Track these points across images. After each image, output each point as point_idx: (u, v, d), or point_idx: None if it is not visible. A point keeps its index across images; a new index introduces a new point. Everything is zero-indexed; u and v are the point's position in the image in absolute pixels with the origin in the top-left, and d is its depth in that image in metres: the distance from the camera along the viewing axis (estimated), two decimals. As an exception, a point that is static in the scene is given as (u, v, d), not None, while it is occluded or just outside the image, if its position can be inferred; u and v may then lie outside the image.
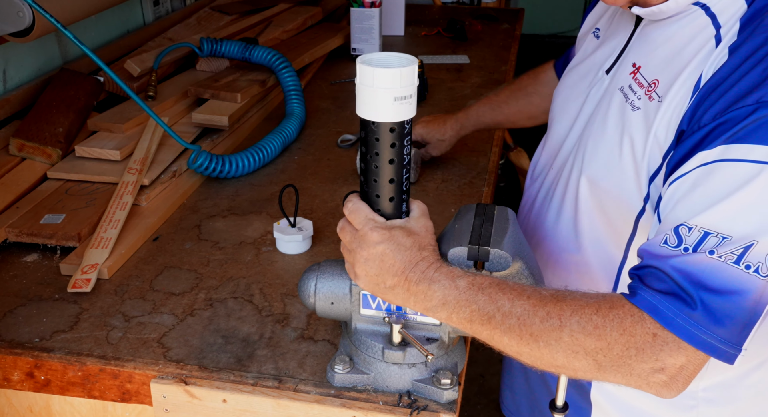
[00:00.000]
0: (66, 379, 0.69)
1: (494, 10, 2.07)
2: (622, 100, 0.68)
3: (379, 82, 0.53)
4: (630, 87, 0.67)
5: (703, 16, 0.62)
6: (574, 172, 0.73)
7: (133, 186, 0.95)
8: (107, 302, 0.78)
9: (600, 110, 0.71)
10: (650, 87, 0.64)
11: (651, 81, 0.64)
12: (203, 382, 0.66)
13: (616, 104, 0.68)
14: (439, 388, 0.62)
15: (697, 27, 0.62)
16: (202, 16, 1.59)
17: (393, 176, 0.57)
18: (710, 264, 0.50)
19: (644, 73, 0.66)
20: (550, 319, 0.53)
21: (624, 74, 0.69)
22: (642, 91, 0.65)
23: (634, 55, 0.69)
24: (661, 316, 0.51)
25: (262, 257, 0.87)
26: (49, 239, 0.87)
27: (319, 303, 0.65)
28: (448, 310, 0.56)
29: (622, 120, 0.66)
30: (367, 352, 0.64)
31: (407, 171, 0.58)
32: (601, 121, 0.70)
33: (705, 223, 0.52)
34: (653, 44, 0.66)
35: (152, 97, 1.20)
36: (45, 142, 1.03)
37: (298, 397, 0.64)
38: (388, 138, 0.55)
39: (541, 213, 0.81)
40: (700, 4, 0.62)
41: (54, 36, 1.24)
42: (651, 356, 0.51)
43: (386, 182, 0.57)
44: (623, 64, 0.70)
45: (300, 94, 1.25)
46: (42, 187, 0.99)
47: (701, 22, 0.62)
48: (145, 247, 0.89)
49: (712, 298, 0.50)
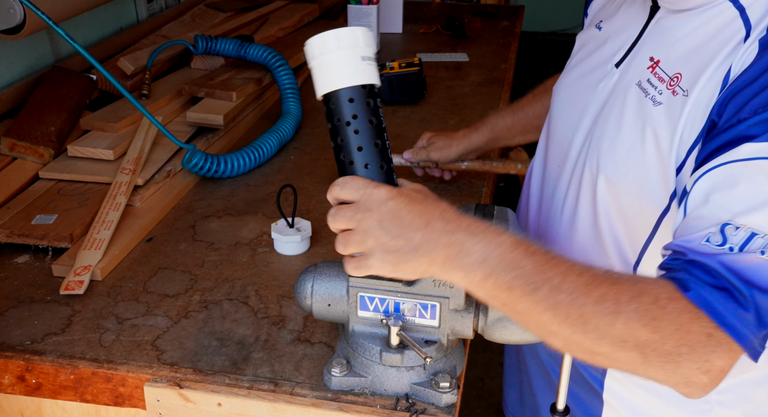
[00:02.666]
0: (58, 382, 0.68)
1: (494, 7, 2.07)
2: (640, 94, 0.65)
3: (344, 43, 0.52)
4: (649, 81, 0.65)
5: (730, 8, 0.60)
6: (588, 172, 0.70)
7: (127, 186, 0.94)
8: (100, 304, 0.77)
9: (614, 106, 0.68)
10: (672, 81, 0.62)
11: (673, 75, 0.62)
12: (198, 386, 0.65)
13: (633, 99, 0.66)
14: (438, 392, 0.62)
15: (724, 20, 0.60)
16: (197, 13, 1.57)
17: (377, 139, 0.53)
18: (761, 263, 0.49)
19: (664, 67, 0.64)
20: (605, 302, 0.49)
21: (639, 68, 0.67)
22: (663, 86, 0.63)
23: (650, 48, 0.67)
24: (718, 316, 0.48)
25: (257, 258, 0.86)
26: (40, 240, 0.86)
27: (315, 305, 0.64)
28: (486, 270, 0.49)
29: (642, 115, 0.64)
30: (364, 354, 0.63)
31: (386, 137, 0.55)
32: (616, 118, 0.67)
33: (753, 223, 0.50)
34: (673, 37, 0.64)
35: (146, 96, 1.19)
36: (37, 142, 1.02)
37: (294, 400, 0.63)
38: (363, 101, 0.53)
39: (551, 216, 0.78)
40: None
41: (46, 33, 1.23)
42: (702, 356, 0.48)
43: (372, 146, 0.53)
44: (637, 58, 0.68)
45: (296, 92, 1.24)
46: (34, 187, 0.98)
47: (728, 14, 0.60)
48: (138, 248, 0.88)
49: (763, 299, 0.49)
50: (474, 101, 1.37)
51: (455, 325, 0.62)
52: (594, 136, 0.70)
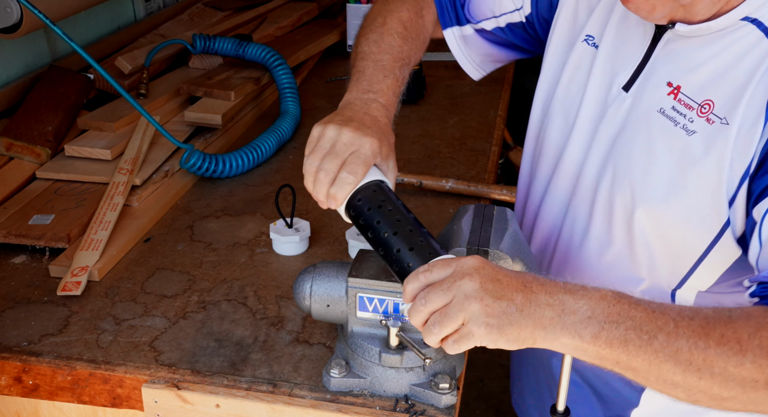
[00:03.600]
0: (55, 383, 0.68)
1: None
2: (667, 124, 0.63)
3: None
4: (674, 109, 0.63)
5: (755, 31, 0.59)
6: (620, 201, 0.66)
7: (124, 186, 0.94)
8: (97, 305, 0.77)
9: (637, 134, 0.66)
10: (703, 109, 0.61)
11: (702, 102, 0.61)
12: (196, 387, 0.65)
13: (660, 128, 0.64)
14: (438, 393, 0.61)
15: (749, 43, 0.60)
16: (195, 12, 1.57)
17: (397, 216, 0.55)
18: None
19: (688, 93, 0.63)
20: (727, 343, 0.47)
21: (658, 94, 0.65)
22: (692, 113, 0.62)
23: (665, 73, 0.65)
24: None
25: (256, 259, 0.86)
26: (37, 240, 0.86)
27: (314, 305, 0.64)
28: (596, 327, 0.47)
29: (676, 146, 0.62)
30: (363, 355, 0.63)
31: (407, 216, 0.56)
32: (644, 147, 0.65)
33: None
34: (691, 62, 0.62)
35: (144, 95, 1.19)
36: (34, 141, 1.01)
37: (293, 401, 0.63)
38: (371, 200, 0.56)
39: (573, 246, 0.74)
40: (750, 19, 0.60)
41: (43, 32, 1.22)
42: None
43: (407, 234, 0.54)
44: (651, 83, 0.66)
45: (295, 92, 1.24)
46: (30, 187, 0.98)
47: (753, 37, 0.59)
48: (136, 249, 0.88)
49: None
50: (474, 101, 1.37)
51: (455, 326, 0.62)
52: (619, 165, 0.67)
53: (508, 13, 0.80)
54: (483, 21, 0.82)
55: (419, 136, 1.22)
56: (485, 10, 0.82)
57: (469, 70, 0.87)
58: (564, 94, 0.75)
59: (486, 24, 0.82)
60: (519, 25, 0.81)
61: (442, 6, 0.84)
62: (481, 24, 0.82)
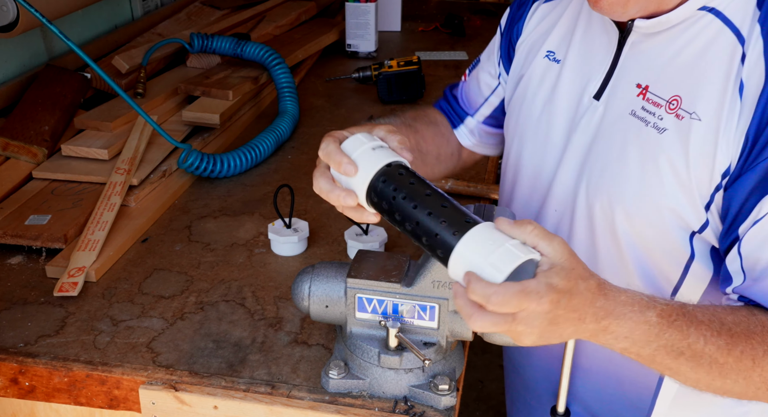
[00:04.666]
0: (51, 385, 0.67)
1: (493, 5, 2.06)
2: (639, 125, 0.63)
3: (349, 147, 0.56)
4: (644, 109, 0.63)
5: (714, 20, 0.59)
6: (598, 210, 0.66)
7: (122, 186, 0.93)
8: (94, 306, 0.76)
9: (612, 140, 0.65)
10: (671, 105, 0.61)
11: (670, 98, 0.61)
12: (194, 388, 0.64)
13: (633, 131, 0.63)
14: (437, 394, 0.61)
15: (710, 33, 0.59)
16: (193, 11, 1.56)
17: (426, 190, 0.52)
18: None
19: (656, 91, 0.62)
20: (743, 360, 0.55)
21: (627, 97, 0.64)
22: (661, 111, 0.62)
23: (633, 74, 0.64)
24: None
25: (254, 259, 0.86)
26: (34, 241, 0.85)
27: (313, 306, 0.63)
28: (629, 343, 0.53)
29: (649, 146, 0.62)
30: (362, 356, 0.62)
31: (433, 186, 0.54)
32: (617, 152, 0.64)
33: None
34: (658, 60, 0.62)
35: (141, 95, 1.18)
36: (30, 141, 1.01)
37: (291, 403, 0.63)
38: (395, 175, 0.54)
39: None
40: (708, 8, 0.59)
41: (39, 31, 1.22)
42: None
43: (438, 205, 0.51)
44: (620, 87, 0.65)
45: (293, 91, 1.23)
46: (27, 186, 0.97)
47: (714, 27, 0.59)
48: (133, 249, 0.87)
49: None
50: (472, 100, 1.37)
51: (454, 327, 0.61)
52: (592, 174, 0.67)
53: (494, 90, 0.83)
54: (478, 110, 0.85)
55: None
56: (475, 100, 0.85)
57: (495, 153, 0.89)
58: (528, 111, 0.74)
59: (482, 111, 0.84)
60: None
61: (445, 111, 0.87)
62: (479, 113, 0.85)
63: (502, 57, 0.81)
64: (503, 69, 0.81)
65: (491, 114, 0.84)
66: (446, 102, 0.88)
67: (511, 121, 0.78)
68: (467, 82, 0.87)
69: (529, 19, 0.77)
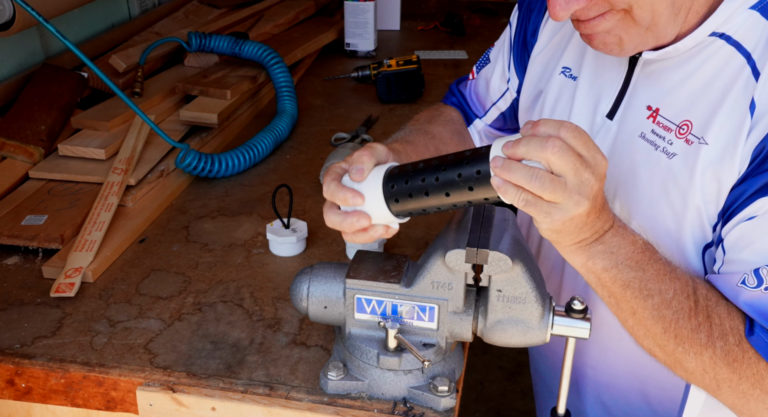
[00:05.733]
0: (48, 386, 0.67)
1: (493, 4, 2.05)
2: (648, 148, 0.63)
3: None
4: (654, 132, 0.63)
5: (725, 46, 0.59)
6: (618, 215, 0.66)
7: (119, 186, 0.93)
8: (91, 307, 0.76)
9: (621, 162, 0.65)
10: (681, 130, 0.61)
11: (680, 123, 0.61)
12: (191, 390, 0.64)
13: (642, 154, 0.64)
14: (436, 396, 0.61)
15: (722, 58, 0.59)
16: (191, 10, 1.56)
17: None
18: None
19: (666, 115, 0.62)
20: (699, 333, 0.55)
21: (638, 119, 0.64)
22: (671, 135, 0.61)
23: (644, 97, 0.64)
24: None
25: (252, 260, 0.85)
26: (30, 241, 0.85)
27: (311, 307, 0.63)
28: (612, 262, 0.53)
29: (658, 170, 0.62)
30: (361, 358, 0.62)
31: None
32: (629, 176, 0.65)
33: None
34: (668, 83, 0.62)
35: (138, 94, 1.17)
36: (27, 141, 1.00)
37: (289, 404, 0.62)
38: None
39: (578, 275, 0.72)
40: (718, 34, 0.59)
41: (36, 30, 1.21)
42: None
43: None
44: (631, 108, 0.65)
45: (292, 90, 1.23)
46: (23, 186, 0.97)
47: (725, 52, 0.59)
48: (131, 250, 0.87)
49: None
50: (471, 99, 1.36)
51: (454, 328, 0.61)
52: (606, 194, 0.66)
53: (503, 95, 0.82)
54: (487, 113, 0.85)
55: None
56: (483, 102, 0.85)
57: None
58: None
59: (490, 114, 0.84)
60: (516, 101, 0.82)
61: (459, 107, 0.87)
62: (487, 116, 0.85)
63: (515, 62, 0.80)
64: (514, 74, 0.80)
65: (498, 117, 0.84)
66: (456, 99, 0.87)
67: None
68: (476, 80, 0.86)
69: (543, 27, 0.76)
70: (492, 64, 0.83)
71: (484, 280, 0.59)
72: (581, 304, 0.58)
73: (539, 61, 0.76)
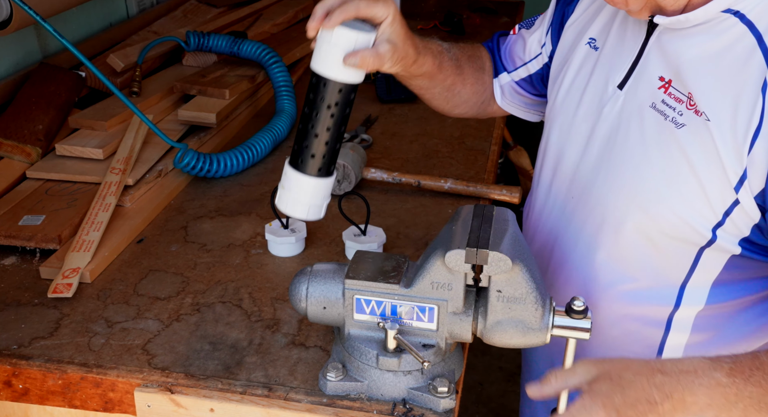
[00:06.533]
0: (45, 387, 0.67)
1: (493, 3, 2.05)
2: (658, 118, 0.63)
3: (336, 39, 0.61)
4: (664, 102, 0.63)
5: (738, 24, 0.58)
6: (611, 201, 0.67)
7: (117, 186, 0.92)
8: (89, 307, 0.75)
9: (629, 132, 0.65)
10: (691, 101, 0.61)
11: (688, 94, 0.61)
12: (190, 391, 0.64)
13: (652, 123, 0.64)
14: (436, 397, 0.61)
15: (732, 36, 0.59)
16: (189, 9, 1.55)
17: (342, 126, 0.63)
18: None
19: (678, 86, 0.62)
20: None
21: (649, 89, 0.64)
22: (681, 106, 0.61)
23: (656, 67, 0.64)
24: None
25: (251, 260, 0.85)
26: (28, 241, 0.84)
27: (310, 308, 0.63)
28: (715, 410, 0.53)
29: (667, 139, 0.62)
30: (360, 358, 0.62)
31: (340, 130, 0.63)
32: (636, 143, 0.65)
33: None
34: (681, 55, 0.62)
35: (136, 93, 1.17)
36: (24, 140, 1.00)
37: (288, 405, 0.62)
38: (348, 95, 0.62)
39: (567, 247, 0.74)
40: (732, 11, 0.59)
41: (33, 29, 1.21)
42: None
43: (337, 131, 0.62)
44: (643, 78, 0.65)
45: (291, 90, 1.22)
46: (21, 186, 0.96)
47: (736, 31, 0.58)
48: (129, 250, 0.87)
49: None
50: (470, 99, 1.36)
51: (454, 329, 0.61)
52: (612, 164, 0.67)
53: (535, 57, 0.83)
54: (516, 69, 0.85)
55: (417, 135, 1.21)
56: (515, 59, 0.85)
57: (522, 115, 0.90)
58: (564, 96, 0.75)
59: (519, 72, 0.85)
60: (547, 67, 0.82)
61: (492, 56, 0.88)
62: (516, 72, 0.85)
63: (552, 30, 0.81)
64: (549, 41, 0.81)
65: (526, 78, 0.85)
66: (492, 45, 0.88)
67: (548, 103, 0.79)
68: (515, 37, 0.86)
69: (581, 1, 0.77)
70: (534, 26, 0.84)
71: (484, 280, 0.59)
72: (582, 304, 0.58)
73: (571, 32, 0.77)
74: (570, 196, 0.73)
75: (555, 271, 0.76)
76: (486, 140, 1.18)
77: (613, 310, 0.71)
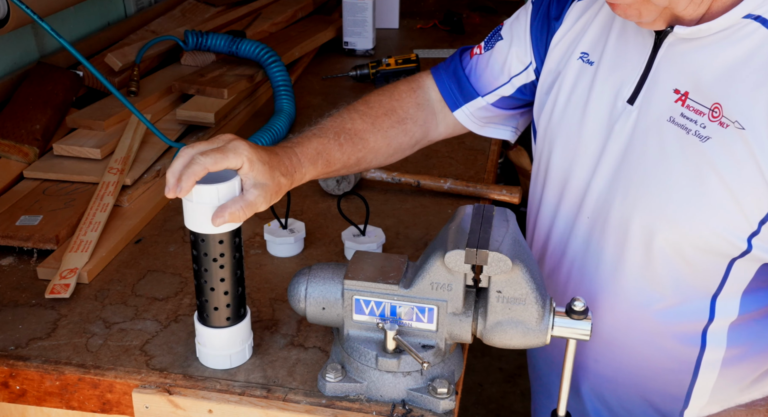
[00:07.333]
0: (43, 389, 0.66)
1: (493, 2, 2.04)
2: (678, 132, 0.61)
3: (223, 195, 0.59)
4: (684, 116, 0.61)
5: (760, 28, 0.58)
6: (636, 221, 0.64)
7: (115, 186, 0.92)
8: (87, 308, 0.75)
9: (646, 147, 0.64)
10: (714, 113, 0.59)
11: (712, 106, 0.60)
12: (188, 392, 0.63)
13: (672, 138, 0.62)
14: (436, 398, 0.60)
15: (755, 41, 0.58)
16: (187, 8, 1.55)
17: (237, 270, 0.62)
18: None
19: (696, 98, 0.60)
20: None
21: (665, 103, 0.63)
22: (704, 119, 0.60)
23: (669, 80, 0.63)
24: None
25: (250, 260, 0.85)
26: (25, 242, 0.84)
27: (309, 308, 0.63)
28: None
29: (692, 154, 0.60)
30: (359, 359, 0.61)
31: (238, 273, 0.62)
32: (656, 160, 0.63)
33: None
34: (697, 65, 0.61)
35: (134, 93, 1.17)
36: (21, 140, 0.99)
37: (287, 407, 0.62)
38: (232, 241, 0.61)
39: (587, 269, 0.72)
40: (753, 16, 0.58)
41: (30, 28, 1.20)
42: None
43: (234, 276, 0.62)
44: (656, 92, 0.63)
45: (290, 89, 1.22)
46: (18, 186, 0.96)
47: (759, 35, 0.57)
48: (126, 250, 0.86)
49: None
50: (470, 99, 1.36)
51: (453, 329, 0.61)
52: (631, 181, 0.65)
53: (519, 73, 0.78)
54: (495, 90, 0.80)
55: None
56: (492, 80, 0.80)
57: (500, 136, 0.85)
58: (561, 115, 0.73)
59: (499, 92, 0.80)
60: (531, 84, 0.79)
61: (446, 88, 0.82)
62: (495, 93, 0.80)
63: (536, 46, 0.77)
64: (534, 58, 0.77)
65: (507, 96, 0.80)
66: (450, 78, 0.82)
67: (541, 123, 0.76)
68: (482, 57, 0.80)
69: (569, 10, 0.74)
70: (506, 42, 0.79)
71: (484, 280, 0.58)
72: (582, 304, 0.58)
73: (560, 47, 0.74)
74: (584, 217, 0.71)
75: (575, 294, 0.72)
76: (486, 140, 1.18)
77: (647, 330, 0.69)
